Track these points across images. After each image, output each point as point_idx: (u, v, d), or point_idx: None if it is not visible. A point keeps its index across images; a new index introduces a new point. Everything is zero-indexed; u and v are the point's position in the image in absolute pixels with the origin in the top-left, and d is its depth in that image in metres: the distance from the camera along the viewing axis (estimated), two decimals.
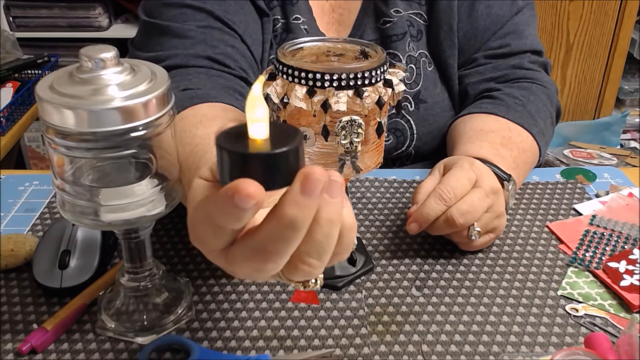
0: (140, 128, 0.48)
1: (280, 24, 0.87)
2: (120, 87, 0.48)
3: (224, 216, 0.35)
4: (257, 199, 0.33)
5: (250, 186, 0.33)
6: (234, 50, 0.80)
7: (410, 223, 0.65)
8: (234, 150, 0.35)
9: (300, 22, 0.86)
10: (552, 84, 0.90)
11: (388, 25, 0.88)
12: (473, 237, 0.64)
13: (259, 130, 0.35)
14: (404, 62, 0.87)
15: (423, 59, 0.89)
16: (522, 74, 0.88)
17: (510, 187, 0.69)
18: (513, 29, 0.90)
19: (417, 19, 0.89)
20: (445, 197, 0.63)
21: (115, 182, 0.52)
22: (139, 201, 0.51)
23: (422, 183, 0.68)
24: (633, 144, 2.08)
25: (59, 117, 0.47)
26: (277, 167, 0.35)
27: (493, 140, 0.75)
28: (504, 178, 0.69)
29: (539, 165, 0.85)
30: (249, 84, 0.79)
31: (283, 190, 0.35)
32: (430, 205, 0.64)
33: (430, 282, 0.65)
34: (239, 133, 0.36)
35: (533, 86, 0.87)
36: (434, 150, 0.91)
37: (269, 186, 0.34)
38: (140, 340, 0.57)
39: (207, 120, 0.64)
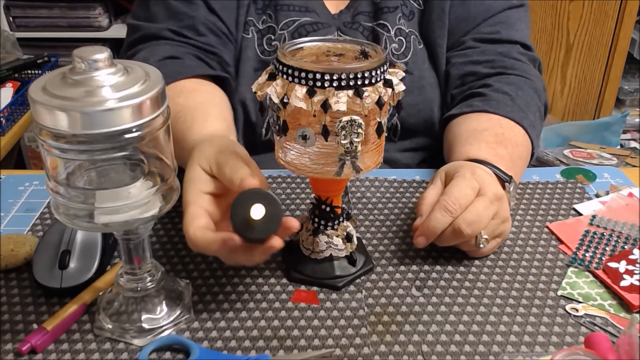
0: (134, 129, 0.48)
1: None
2: (114, 88, 0.47)
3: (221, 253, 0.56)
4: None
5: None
6: (196, 21, 0.87)
7: (418, 237, 0.65)
8: (238, 232, 0.53)
9: None
10: (540, 78, 0.91)
11: None
12: (481, 245, 0.64)
13: (257, 213, 0.53)
14: (392, 33, 0.90)
15: (413, 36, 0.91)
16: (510, 64, 0.89)
17: (511, 188, 0.69)
18: (504, 20, 0.91)
19: (412, 2, 0.92)
20: (450, 208, 0.63)
21: (110, 184, 0.52)
22: (134, 203, 0.51)
23: (425, 194, 0.68)
24: (633, 144, 2.08)
25: (52, 119, 0.46)
26: (260, 241, 0.54)
27: (488, 139, 0.76)
28: (505, 179, 0.69)
29: (533, 165, 0.85)
30: (212, 52, 0.87)
31: None
32: (436, 218, 0.63)
33: (430, 282, 0.65)
34: (245, 205, 0.53)
35: (521, 81, 0.87)
36: (421, 126, 0.92)
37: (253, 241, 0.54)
38: (137, 342, 0.57)
39: (188, 92, 0.76)
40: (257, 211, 0.52)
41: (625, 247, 0.69)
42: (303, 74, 0.54)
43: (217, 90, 0.82)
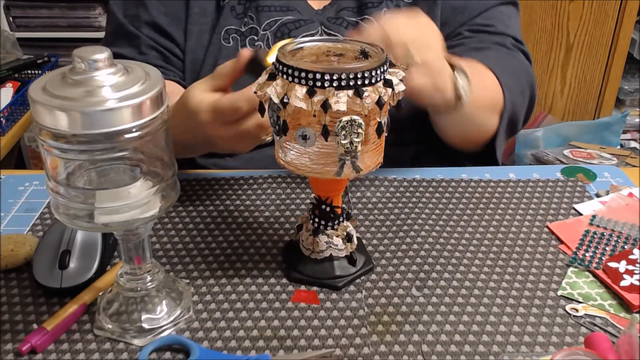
0: (134, 129, 0.48)
1: None
2: (114, 88, 0.48)
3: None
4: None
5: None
6: (141, 41, 0.90)
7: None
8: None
9: None
10: (530, 67, 0.93)
11: None
12: (410, 60, 0.65)
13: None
14: None
15: None
16: (505, 52, 0.91)
17: (458, 75, 0.71)
18: (498, 15, 0.94)
19: None
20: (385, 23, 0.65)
21: (110, 184, 0.52)
22: (134, 203, 0.51)
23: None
24: (633, 144, 2.08)
25: (52, 119, 0.46)
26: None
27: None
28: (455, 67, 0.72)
29: (533, 164, 0.85)
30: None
31: None
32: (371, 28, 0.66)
33: (430, 282, 0.65)
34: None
35: (510, 55, 0.90)
36: (407, 118, 0.92)
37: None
38: (137, 342, 0.57)
39: None
40: (271, 58, 0.62)
41: (625, 247, 0.69)
42: (303, 74, 0.54)
43: (170, 83, 0.89)
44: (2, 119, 1.60)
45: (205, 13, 0.91)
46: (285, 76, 0.55)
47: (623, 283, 0.63)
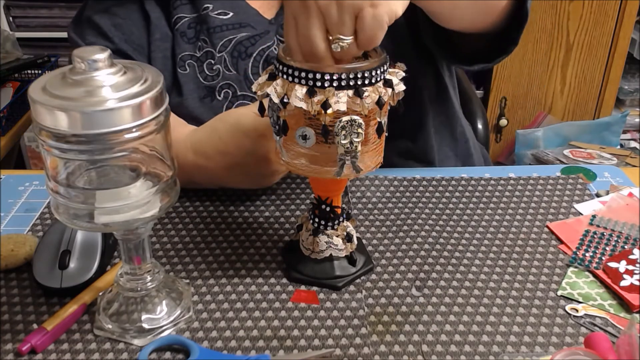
0: (134, 130, 0.48)
1: (186, 19, 0.86)
2: (114, 88, 0.48)
3: None
4: None
5: None
6: None
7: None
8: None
9: (209, 10, 0.85)
10: None
11: None
12: None
13: None
14: None
15: None
16: None
17: None
18: None
19: None
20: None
21: (110, 184, 0.52)
22: (134, 203, 0.51)
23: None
24: (633, 144, 2.08)
25: (52, 119, 0.46)
26: None
27: None
28: None
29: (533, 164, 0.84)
30: None
31: None
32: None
33: (430, 282, 0.65)
34: None
35: None
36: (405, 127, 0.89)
37: None
38: (137, 342, 0.57)
39: None
40: None
41: (625, 247, 0.69)
42: (303, 74, 0.54)
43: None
44: (2, 119, 1.60)
45: (167, 38, 0.86)
46: (285, 76, 0.55)
47: (623, 283, 0.63)
